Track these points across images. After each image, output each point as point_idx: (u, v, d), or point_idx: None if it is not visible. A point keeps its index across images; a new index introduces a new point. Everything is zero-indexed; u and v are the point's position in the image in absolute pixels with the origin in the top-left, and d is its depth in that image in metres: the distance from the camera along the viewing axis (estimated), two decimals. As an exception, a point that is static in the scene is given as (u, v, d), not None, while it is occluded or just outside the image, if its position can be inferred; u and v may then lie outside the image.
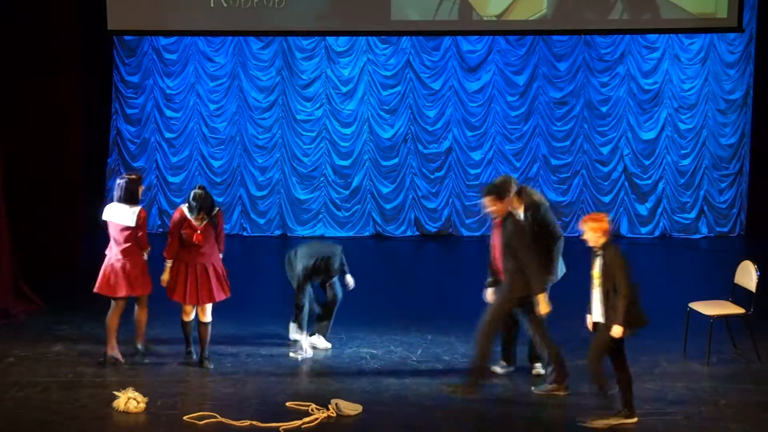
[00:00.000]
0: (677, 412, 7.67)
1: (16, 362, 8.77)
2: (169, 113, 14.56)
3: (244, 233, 14.55)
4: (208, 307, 8.67)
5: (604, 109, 14.28)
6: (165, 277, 8.65)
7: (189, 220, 8.55)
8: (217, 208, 8.67)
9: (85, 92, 13.99)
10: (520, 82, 14.29)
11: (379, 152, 14.47)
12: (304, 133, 14.48)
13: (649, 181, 14.32)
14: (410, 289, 11.70)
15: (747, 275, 8.89)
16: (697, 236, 14.29)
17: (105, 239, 9.14)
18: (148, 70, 14.51)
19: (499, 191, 8.06)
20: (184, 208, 8.61)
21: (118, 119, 14.62)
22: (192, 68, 14.47)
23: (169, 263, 8.64)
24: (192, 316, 8.75)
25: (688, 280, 12.01)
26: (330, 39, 14.23)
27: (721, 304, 9.02)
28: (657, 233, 14.35)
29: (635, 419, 7.52)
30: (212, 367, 8.65)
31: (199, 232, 8.50)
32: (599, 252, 7.51)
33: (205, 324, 8.70)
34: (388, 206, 14.47)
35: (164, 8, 13.48)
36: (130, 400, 7.68)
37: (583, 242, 7.58)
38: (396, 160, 14.46)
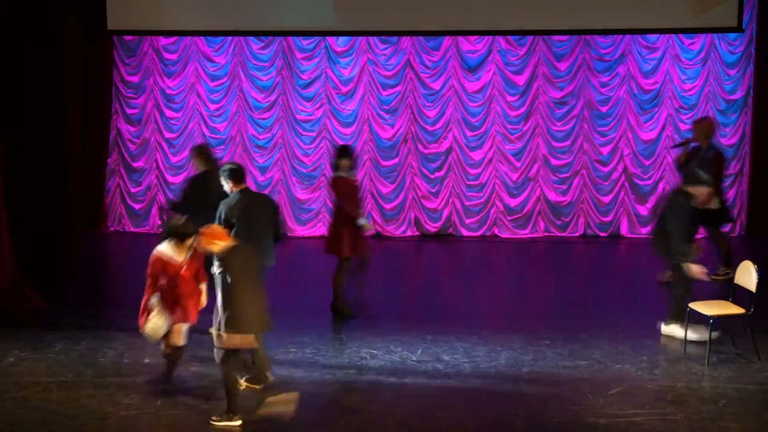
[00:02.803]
0: (677, 412, 7.67)
1: (16, 362, 8.77)
2: (169, 113, 14.56)
3: (244, 233, 14.54)
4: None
5: (604, 109, 14.28)
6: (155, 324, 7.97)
7: (168, 262, 7.98)
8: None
9: (85, 92, 14.01)
10: (520, 82, 14.28)
11: (379, 152, 14.47)
12: (304, 133, 14.48)
13: (650, 182, 14.32)
14: (410, 289, 11.71)
15: (747, 275, 8.89)
16: (697, 236, 14.27)
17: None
18: (148, 70, 14.51)
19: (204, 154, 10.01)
20: (162, 248, 8.02)
21: (118, 119, 14.61)
22: (192, 68, 14.47)
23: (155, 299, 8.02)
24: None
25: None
26: (330, 39, 14.23)
27: (721, 304, 9.02)
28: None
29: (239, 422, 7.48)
30: None
31: (184, 268, 8.03)
32: (218, 259, 7.42)
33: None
34: (388, 206, 14.47)
35: (164, 8, 13.49)
36: (154, 321, 7.80)
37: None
38: (396, 160, 14.46)
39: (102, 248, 13.80)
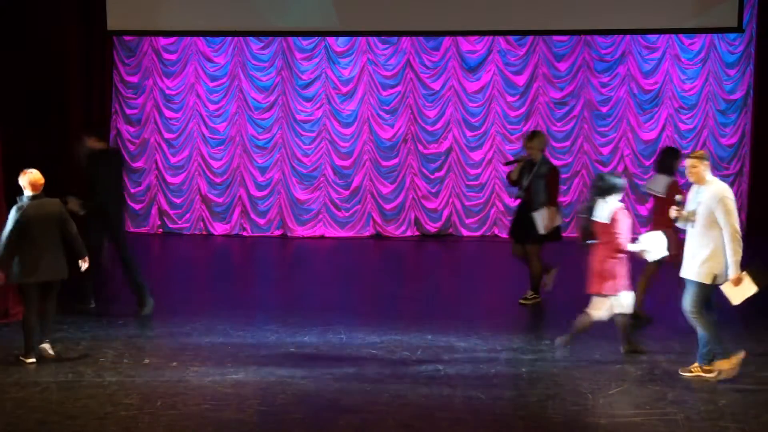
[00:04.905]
0: (677, 412, 7.66)
1: (16, 362, 8.76)
2: (168, 113, 14.56)
3: (244, 233, 14.56)
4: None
5: (604, 109, 14.28)
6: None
7: None
8: None
9: (85, 92, 14.01)
10: (520, 82, 14.29)
11: (379, 152, 14.47)
12: (304, 133, 14.48)
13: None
14: (410, 289, 11.70)
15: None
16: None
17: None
18: (148, 70, 14.52)
19: None
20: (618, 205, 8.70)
21: (117, 119, 14.61)
22: (192, 68, 14.48)
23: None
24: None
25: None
26: (330, 39, 14.24)
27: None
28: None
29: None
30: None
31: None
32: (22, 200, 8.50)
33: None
34: (388, 206, 14.48)
35: (164, 8, 13.50)
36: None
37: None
38: (396, 160, 14.47)
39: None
